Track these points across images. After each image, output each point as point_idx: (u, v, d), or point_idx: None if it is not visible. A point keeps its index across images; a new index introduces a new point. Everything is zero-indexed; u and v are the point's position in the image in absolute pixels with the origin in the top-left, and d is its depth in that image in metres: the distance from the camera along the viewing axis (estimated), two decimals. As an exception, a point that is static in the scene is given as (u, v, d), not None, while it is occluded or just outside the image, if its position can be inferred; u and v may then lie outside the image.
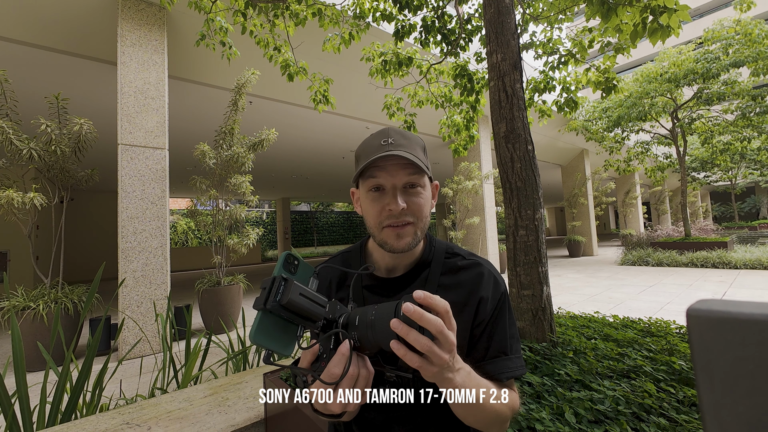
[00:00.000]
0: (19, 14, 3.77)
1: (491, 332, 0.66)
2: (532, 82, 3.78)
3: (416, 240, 0.65)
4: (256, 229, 4.98)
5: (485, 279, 0.68)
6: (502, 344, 0.66)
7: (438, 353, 0.44)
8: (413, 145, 0.65)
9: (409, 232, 0.64)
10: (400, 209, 0.61)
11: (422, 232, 0.66)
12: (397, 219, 0.63)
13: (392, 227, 0.63)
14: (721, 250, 8.36)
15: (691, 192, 19.94)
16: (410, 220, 0.63)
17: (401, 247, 0.63)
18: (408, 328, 0.43)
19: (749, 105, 8.94)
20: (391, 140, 0.63)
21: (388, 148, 0.62)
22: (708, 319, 0.20)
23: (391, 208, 0.62)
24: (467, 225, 8.30)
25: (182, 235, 16.71)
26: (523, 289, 1.88)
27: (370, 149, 0.64)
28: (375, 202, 0.64)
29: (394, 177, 0.63)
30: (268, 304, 0.45)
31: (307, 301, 0.47)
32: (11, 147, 3.55)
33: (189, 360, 1.92)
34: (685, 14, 2.08)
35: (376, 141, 0.65)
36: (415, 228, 0.64)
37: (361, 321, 0.48)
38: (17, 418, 1.36)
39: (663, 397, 1.20)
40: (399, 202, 0.61)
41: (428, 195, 0.67)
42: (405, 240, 0.63)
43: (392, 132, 0.65)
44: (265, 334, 0.47)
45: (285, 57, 3.53)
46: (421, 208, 0.64)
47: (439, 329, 0.44)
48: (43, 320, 3.47)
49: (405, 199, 0.63)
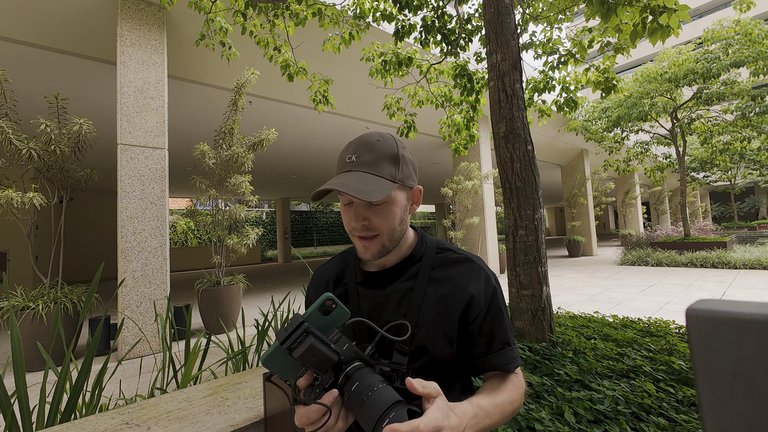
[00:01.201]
0: (19, 14, 3.77)
1: (492, 325, 0.67)
2: (532, 81, 3.78)
3: (384, 250, 0.67)
4: (255, 229, 4.98)
5: (475, 274, 0.69)
6: (504, 336, 0.68)
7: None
8: (378, 160, 0.64)
9: (375, 245, 0.66)
10: (360, 225, 0.64)
11: (392, 241, 0.67)
12: (360, 233, 0.65)
13: (360, 238, 0.66)
14: (721, 250, 8.36)
15: (691, 192, 19.96)
16: (374, 233, 0.65)
17: (367, 258, 0.67)
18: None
19: (749, 105, 8.95)
20: (354, 157, 0.64)
21: (348, 167, 0.64)
22: (707, 319, 0.21)
23: (353, 224, 0.65)
24: (467, 225, 8.31)
25: (182, 235, 16.70)
26: (522, 289, 1.88)
27: (340, 163, 0.67)
28: (345, 214, 0.68)
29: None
30: (284, 346, 0.48)
31: (319, 354, 0.48)
32: (11, 147, 3.55)
33: (188, 360, 1.92)
34: (685, 14, 2.08)
35: (344, 155, 0.66)
36: (381, 240, 0.66)
37: (357, 389, 0.49)
38: (16, 418, 1.36)
39: (662, 397, 1.20)
40: (358, 220, 0.65)
41: (398, 207, 0.67)
42: (370, 251, 0.66)
43: (360, 145, 0.65)
44: (275, 363, 0.50)
45: (285, 57, 3.53)
46: (387, 220, 0.65)
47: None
48: (43, 320, 3.46)
49: (368, 214, 0.65)
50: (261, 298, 6.97)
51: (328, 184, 0.62)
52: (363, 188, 0.60)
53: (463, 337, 0.67)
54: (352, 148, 0.65)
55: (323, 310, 0.51)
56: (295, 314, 0.50)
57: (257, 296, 7.28)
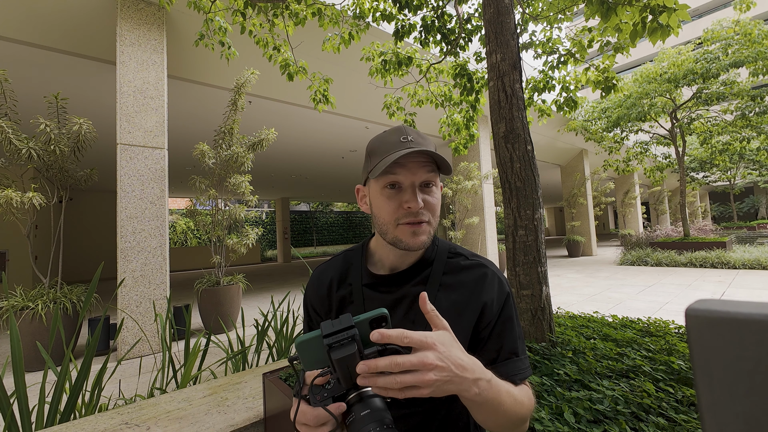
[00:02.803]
0: (18, 14, 3.76)
1: (501, 333, 0.65)
2: (532, 81, 3.78)
3: (430, 239, 0.65)
4: (255, 228, 4.98)
5: (489, 280, 0.67)
6: (513, 345, 0.65)
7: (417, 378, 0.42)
8: (429, 145, 0.64)
9: (425, 231, 0.63)
10: (419, 207, 0.61)
11: (434, 232, 0.66)
12: (414, 217, 0.62)
13: (409, 225, 0.63)
14: (720, 250, 8.37)
15: (690, 192, 19.98)
16: (426, 218, 0.63)
17: (417, 245, 0.63)
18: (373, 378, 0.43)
19: (748, 105, 8.95)
20: (410, 138, 0.63)
21: (409, 145, 0.62)
22: (707, 319, 0.20)
23: (411, 206, 0.61)
24: (466, 225, 8.31)
25: (181, 235, 16.69)
26: (522, 289, 1.88)
27: (388, 145, 0.63)
28: (391, 199, 0.63)
29: (414, 174, 0.62)
30: (326, 341, 0.45)
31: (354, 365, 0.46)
32: (10, 146, 3.54)
33: (188, 360, 1.92)
34: (685, 13, 2.08)
35: (393, 137, 0.64)
36: (430, 227, 0.64)
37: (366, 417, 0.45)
38: (16, 418, 1.35)
39: (662, 397, 1.20)
40: (419, 200, 0.61)
41: (440, 195, 0.67)
42: (421, 238, 0.63)
43: (410, 130, 0.65)
44: (307, 350, 0.48)
45: (284, 57, 3.52)
46: (436, 208, 0.65)
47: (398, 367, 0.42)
48: (42, 320, 3.46)
49: (422, 197, 0.63)
50: (261, 298, 6.97)
51: (411, 148, 0.60)
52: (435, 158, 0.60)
53: (473, 345, 0.65)
54: (403, 132, 0.64)
55: (374, 324, 0.48)
56: (346, 314, 0.47)
57: (257, 296, 7.27)
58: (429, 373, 0.43)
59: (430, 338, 0.45)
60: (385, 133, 0.66)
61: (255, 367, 2.03)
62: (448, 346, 0.46)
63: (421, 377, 0.42)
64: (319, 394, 0.47)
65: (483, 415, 0.53)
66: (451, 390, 0.45)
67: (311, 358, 0.48)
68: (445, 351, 0.45)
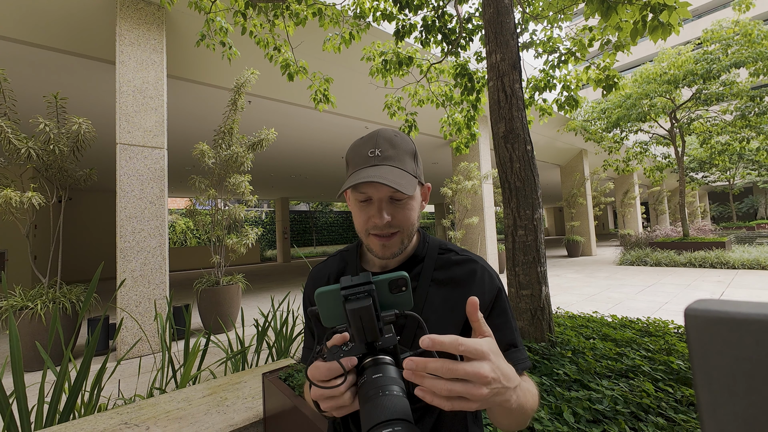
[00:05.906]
0: (18, 13, 3.76)
1: (498, 326, 0.65)
2: (533, 80, 3.78)
3: (402, 247, 0.65)
4: (255, 228, 4.98)
5: (479, 275, 0.68)
6: (511, 337, 0.65)
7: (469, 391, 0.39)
8: (401, 156, 0.63)
9: (395, 242, 0.64)
10: (384, 222, 0.61)
11: (409, 238, 0.66)
12: (381, 230, 0.63)
13: (378, 237, 0.63)
14: (719, 250, 8.37)
15: (690, 192, 19.99)
16: (395, 230, 0.64)
17: (386, 256, 0.65)
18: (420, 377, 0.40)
19: (748, 105, 8.96)
20: (378, 151, 0.62)
21: (374, 162, 0.61)
22: (706, 319, 0.20)
23: (376, 222, 0.62)
24: (466, 225, 8.31)
25: (181, 235, 16.68)
26: (521, 289, 1.88)
27: (359, 159, 0.64)
28: (362, 211, 0.64)
29: (379, 191, 0.62)
30: (343, 293, 0.45)
31: (369, 319, 0.45)
32: (9, 146, 3.54)
33: (188, 360, 1.92)
34: (686, 11, 2.08)
35: (364, 150, 0.63)
36: (401, 236, 0.65)
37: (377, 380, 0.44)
38: (15, 418, 1.35)
39: (661, 397, 1.20)
40: (384, 216, 0.61)
41: (416, 202, 0.66)
42: (390, 250, 0.64)
43: (381, 140, 0.64)
44: (325, 303, 0.48)
45: (285, 57, 3.52)
46: (408, 217, 0.64)
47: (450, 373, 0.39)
48: (41, 320, 3.46)
49: (390, 211, 0.62)
50: (260, 298, 6.97)
51: (365, 178, 0.59)
52: (400, 182, 0.59)
53: None
54: (373, 143, 0.63)
55: (393, 286, 0.48)
56: (366, 272, 0.47)
57: (256, 296, 7.27)
58: (483, 387, 0.40)
59: (485, 347, 0.42)
60: (361, 140, 0.66)
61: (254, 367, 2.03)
62: (498, 356, 0.44)
63: (474, 390, 0.39)
64: (336, 353, 0.47)
65: (508, 419, 0.52)
66: (495, 402, 0.42)
67: (328, 312, 0.49)
68: (497, 361, 0.43)
